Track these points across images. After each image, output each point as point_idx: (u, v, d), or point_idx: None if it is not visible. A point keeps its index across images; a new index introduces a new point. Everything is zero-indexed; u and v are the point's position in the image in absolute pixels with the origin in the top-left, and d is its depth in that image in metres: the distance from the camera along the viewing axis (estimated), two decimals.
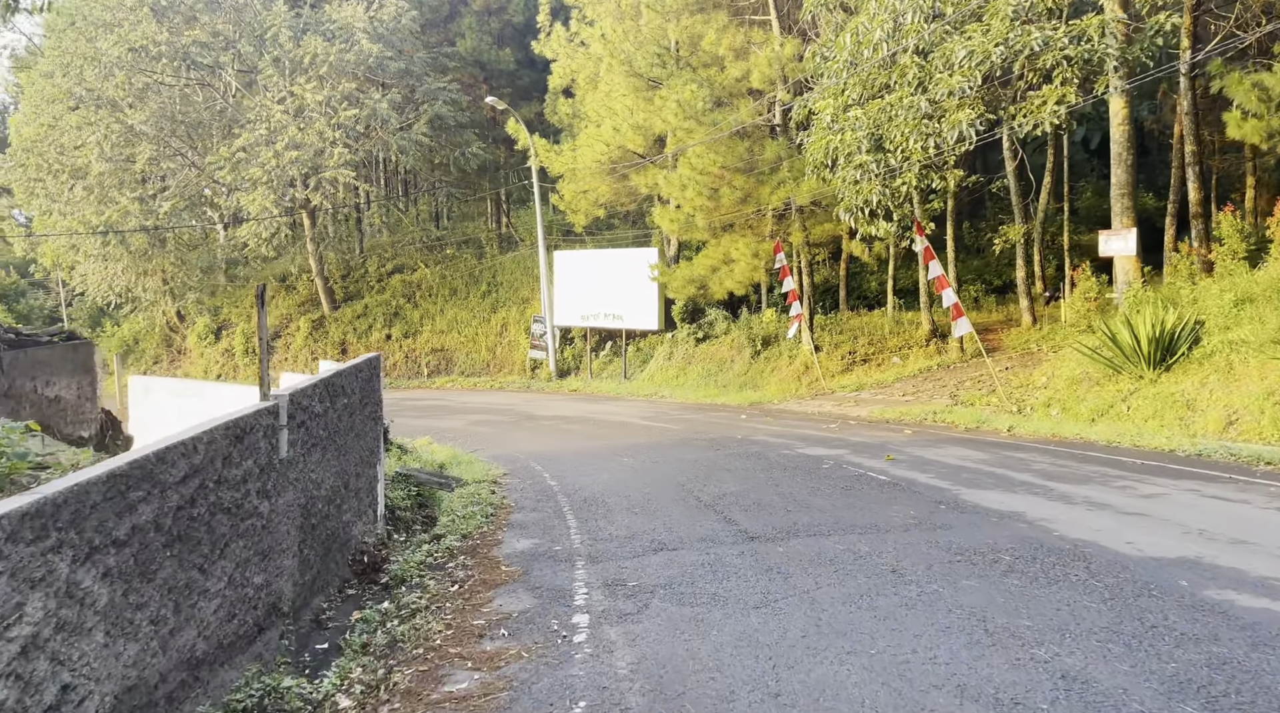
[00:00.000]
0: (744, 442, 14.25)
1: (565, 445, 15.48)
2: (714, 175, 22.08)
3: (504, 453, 14.82)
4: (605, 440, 15.77)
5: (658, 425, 17.69)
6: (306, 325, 37.47)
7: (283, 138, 29.41)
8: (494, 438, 17.28)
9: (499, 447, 15.88)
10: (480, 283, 35.90)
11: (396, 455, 12.13)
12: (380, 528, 8.68)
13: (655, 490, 9.85)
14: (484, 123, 37.72)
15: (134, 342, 42.03)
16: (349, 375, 7.56)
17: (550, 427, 18.67)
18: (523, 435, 17.43)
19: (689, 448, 13.89)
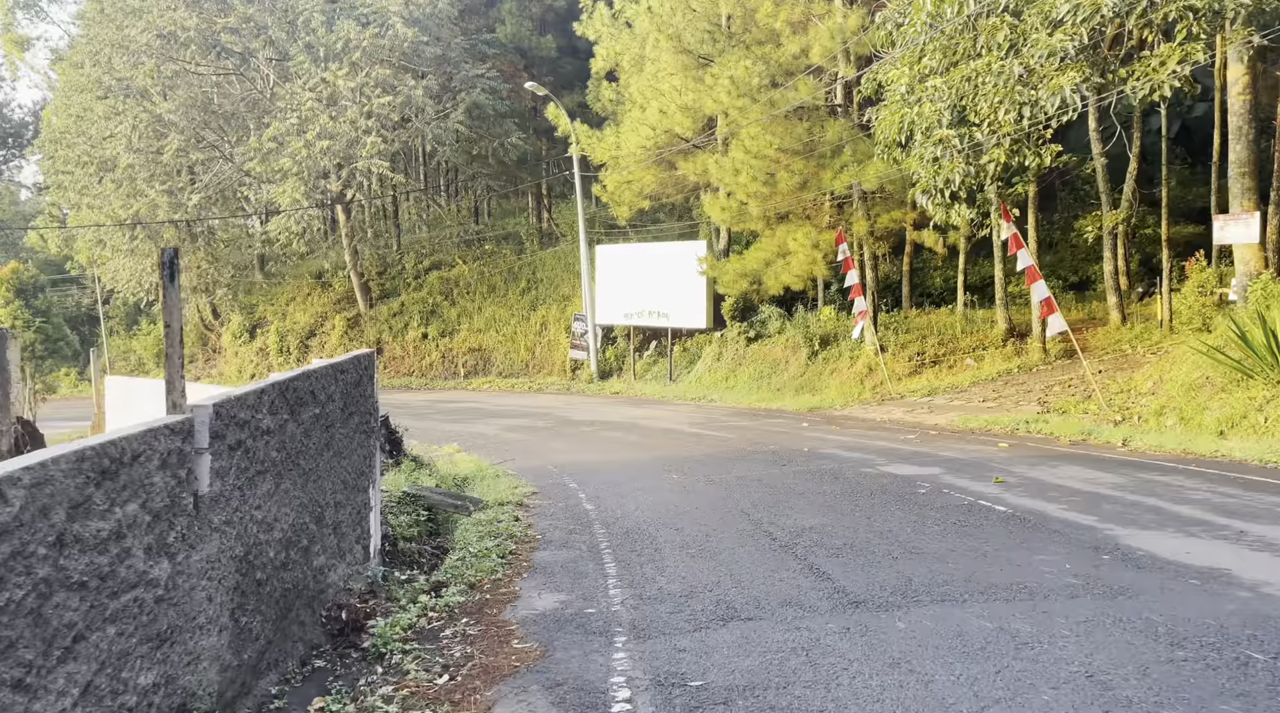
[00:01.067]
0: (813, 456, 12.37)
1: (605, 457, 13.71)
2: (770, 159, 20.18)
3: (536, 465, 13.10)
4: (650, 451, 13.97)
5: (709, 434, 15.85)
6: (342, 323, 36.28)
7: (314, 127, 28.12)
8: (527, 446, 15.57)
9: (531, 457, 14.16)
10: (520, 279, 34.36)
11: (408, 470, 10.45)
12: (374, 568, 6.98)
13: (715, 521, 8.05)
14: (524, 113, 36.19)
15: None
16: (323, 378, 5.85)
17: (589, 434, 16.93)
18: (559, 444, 15.70)
19: (749, 462, 12.04)
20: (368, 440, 7.00)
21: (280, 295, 39.72)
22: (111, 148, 28.50)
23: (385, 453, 10.49)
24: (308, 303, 38.48)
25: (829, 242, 20.45)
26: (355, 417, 6.65)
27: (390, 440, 10.78)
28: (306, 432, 5.52)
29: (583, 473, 11.98)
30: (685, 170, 24.12)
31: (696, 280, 25.65)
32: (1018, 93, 13.90)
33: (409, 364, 34.24)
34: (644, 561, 6.72)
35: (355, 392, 6.65)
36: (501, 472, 12.28)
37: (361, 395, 6.84)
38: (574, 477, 11.67)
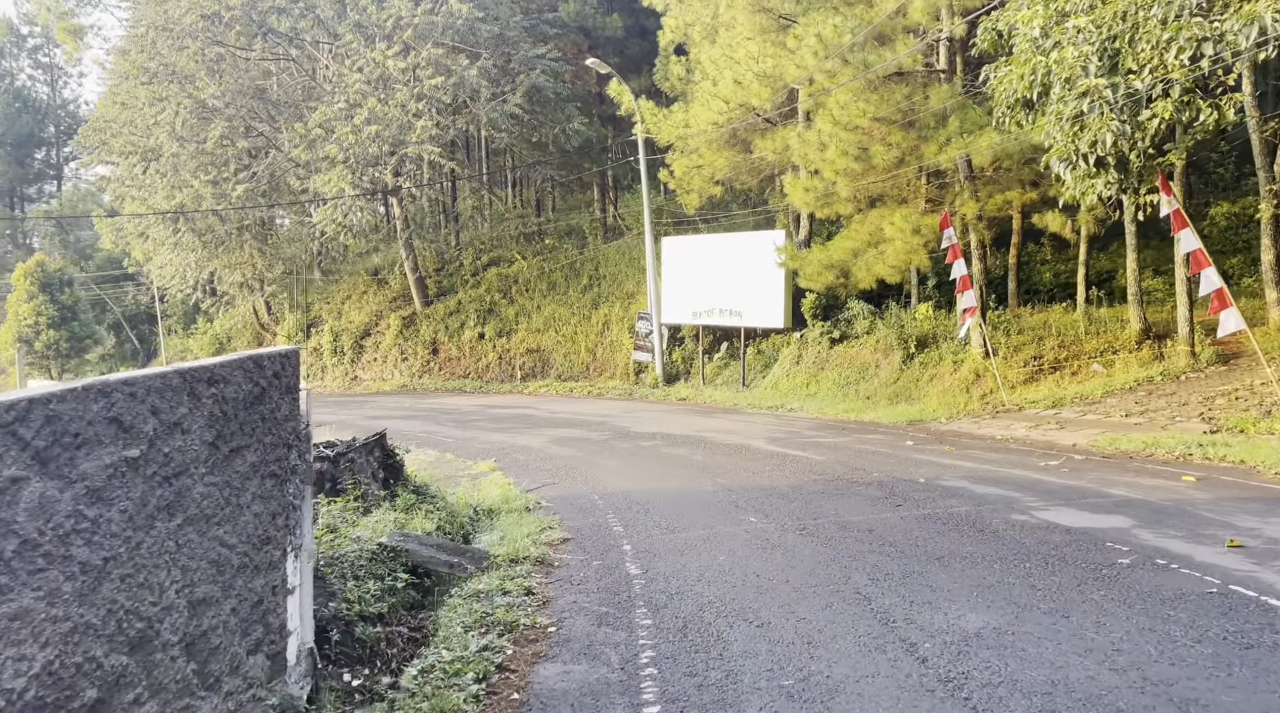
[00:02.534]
0: (934, 490, 9.60)
1: (664, 484, 11.13)
2: (862, 131, 17.34)
3: (578, 493, 10.61)
4: (721, 477, 11.34)
5: (793, 453, 13.12)
6: (397, 322, 34.49)
7: (362, 111, 26.21)
8: (573, 466, 13.09)
9: (575, 481, 11.67)
10: (581, 276, 32.01)
11: (404, 506, 8.03)
12: (289, 687, 4.51)
13: (817, 610, 5.43)
14: (587, 98, 33.90)
15: (226, 339, 40.11)
16: (148, 394, 3.39)
17: (649, 450, 14.35)
18: (611, 463, 13.17)
19: (850, 499, 9.34)
20: (280, 489, 4.54)
21: (336, 293, 38.21)
22: (155, 137, 27.07)
23: (379, 483, 8.09)
24: (363, 301, 36.84)
25: (931, 227, 17.50)
26: (249, 454, 4.19)
27: (386, 467, 8.38)
28: (95, 495, 3.06)
29: (633, 509, 9.43)
30: (762, 150, 21.42)
31: (773, 275, 22.92)
32: (1195, 26, 10.86)
33: (464, 366, 32.21)
34: (710, 699, 4.10)
35: (249, 415, 4.19)
36: (533, 502, 9.81)
37: (267, 419, 4.38)
38: (621, 514, 9.13)
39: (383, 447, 8.36)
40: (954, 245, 17.32)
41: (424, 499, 8.50)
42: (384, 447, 8.41)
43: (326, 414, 24.93)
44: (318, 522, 6.50)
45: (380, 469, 8.13)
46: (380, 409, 25.23)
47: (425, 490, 8.87)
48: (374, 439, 8.24)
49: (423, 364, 33.25)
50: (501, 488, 10.90)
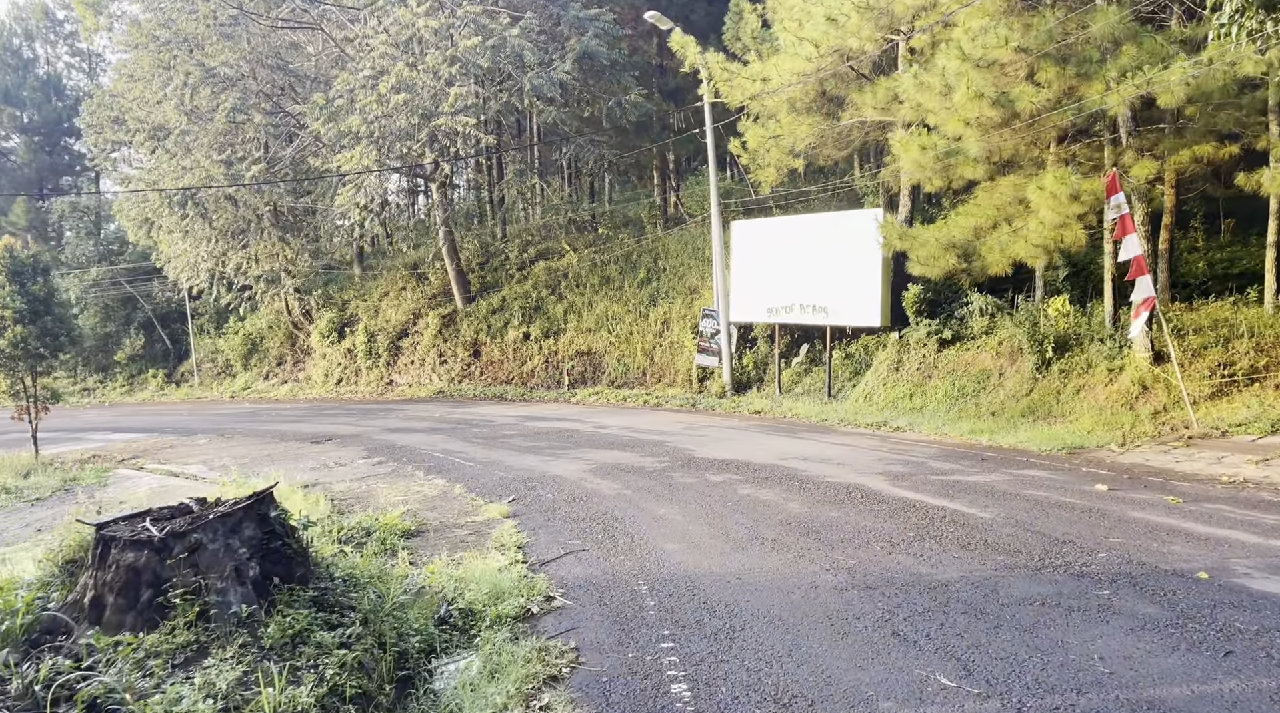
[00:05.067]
0: (1229, 599, 5.60)
1: (751, 563, 7.27)
2: (1001, 67, 13.25)
3: (616, 577, 6.84)
4: (842, 551, 7.46)
5: (934, 503, 9.15)
6: (436, 322, 31.20)
7: (388, 78, 22.86)
8: (615, 515, 9.29)
9: (615, 547, 7.89)
10: (638, 269, 28.27)
11: (280, 636, 4.28)
12: None
13: None
14: (646, 69, 30.19)
15: (259, 340, 37.34)
16: None
17: (721, 490, 10.48)
18: (669, 512, 9.34)
19: (1098, 621, 5.45)
20: None
21: (374, 290, 35.12)
22: (162, 112, 24.15)
23: (248, 586, 4.39)
24: (401, 298, 33.65)
25: (1093, 193, 13.30)
26: None
27: (268, 555, 4.67)
28: None
29: (707, 629, 5.62)
30: (858, 108, 17.42)
31: (868, 263, 18.90)
32: None
33: (507, 369, 28.71)
34: None
35: None
36: (541, 596, 6.05)
37: None
38: (686, 642, 5.34)
39: (262, 518, 4.71)
40: (1124, 216, 13.11)
41: (335, 612, 4.77)
42: (264, 518, 4.74)
43: (338, 425, 21.61)
44: None
45: (254, 559, 4.49)
46: (404, 420, 21.82)
47: (347, 592, 5.14)
48: (246, 505, 4.60)
49: (462, 368, 29.88)
50: (503, 558, 7.16)
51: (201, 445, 20.00)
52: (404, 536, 8.85)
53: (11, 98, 38.30)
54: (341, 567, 5.40)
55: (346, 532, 8.99)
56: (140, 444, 21.20)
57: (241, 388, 35.58)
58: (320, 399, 31.04)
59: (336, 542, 7.22)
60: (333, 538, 7.82)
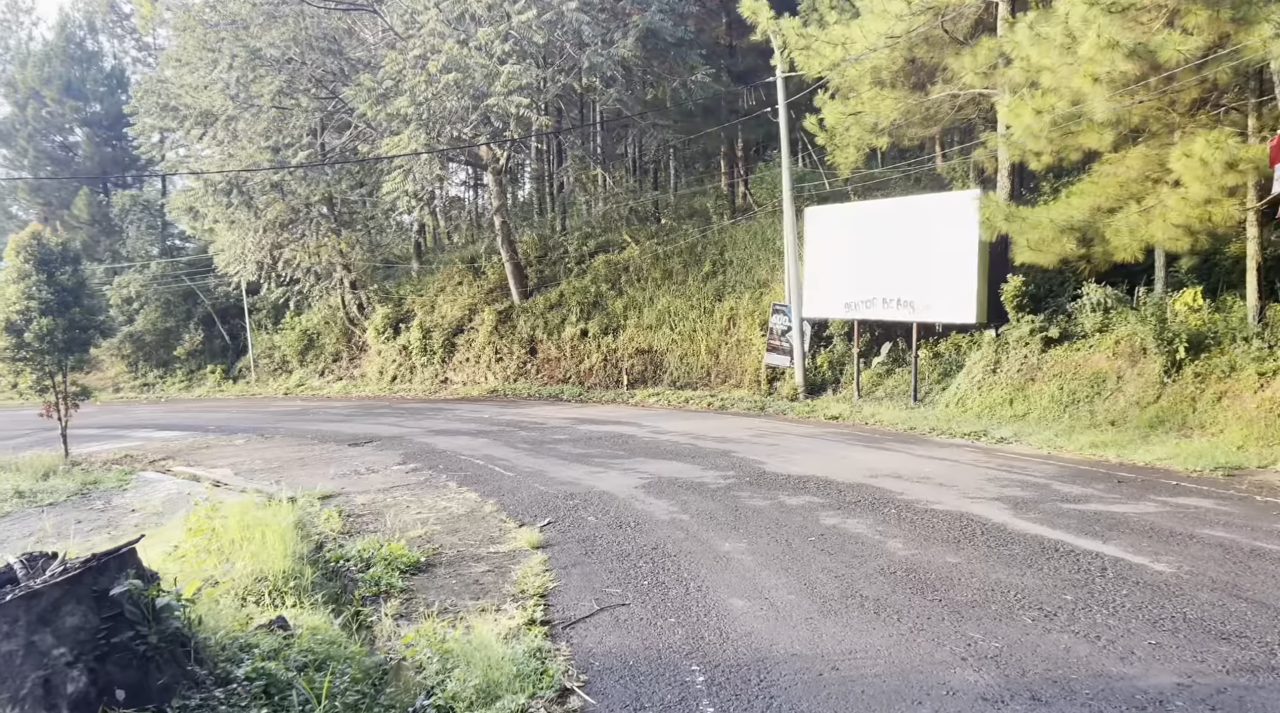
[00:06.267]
0: None
1: (842, 633, 5.42)
2: (1139, 12, 11.07)
3: (665, 650, 5.05)
4: (962, 617, 5.58)
5: (1075, 542, 7.16)
6: (492, 317, 29.78)
7: (438, 57, 21.45)
8: (668, 550, 7.51)
9: (664, 600, 6.11)
10: (703, 261, 26.41)
11: None
12: None
13: None
14: (714, 47, 28.32)
15: (315, 336, 36.50)
16: None
17: (800, 519, 8.61)
18: (734, 549, 7.52)
19: None
20: None
21: (430, 285, 33.93)
22: (209, 97, 23.17)
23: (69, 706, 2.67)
24: (457, 293, 32.36)
25: (1255, 161, 11.03)
26: None
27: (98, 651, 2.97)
28: None
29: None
30: (956, 71, 15.32)
31: (962, 252, 16.75)
32: None
33: (564, 368, 27.14)
34: None
35: None
36: (546, 687, 4.30)
37: None
38: None
39: (99, 598, 3.04)
40: None
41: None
42: (101, 597, 3.06)
43: (382, 426, 20.26)
44: None
45: (80, 663, 2.83)
46: (450, 421, 20.38)
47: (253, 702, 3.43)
48: (71, 577, 2.94)
49: (518, 366, 28.41)
50: (517, 615, 5.43)
51: (237, 446, 18.85)
52: (408, 570, 7.22)
53: (75, 90, 38.25)
54: (259, 651, 3.76)
55: (342, 563, 7.40)
56: (177, 444, 20.18)
57: (296, 385, 34.77)
58: (372, 397, 29.94)
59: (298, 591, 5.60)
60: (308, 578, 6.19)
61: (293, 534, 7.12)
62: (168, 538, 7.24)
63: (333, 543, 8.70)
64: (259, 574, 5.77)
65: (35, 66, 38.66)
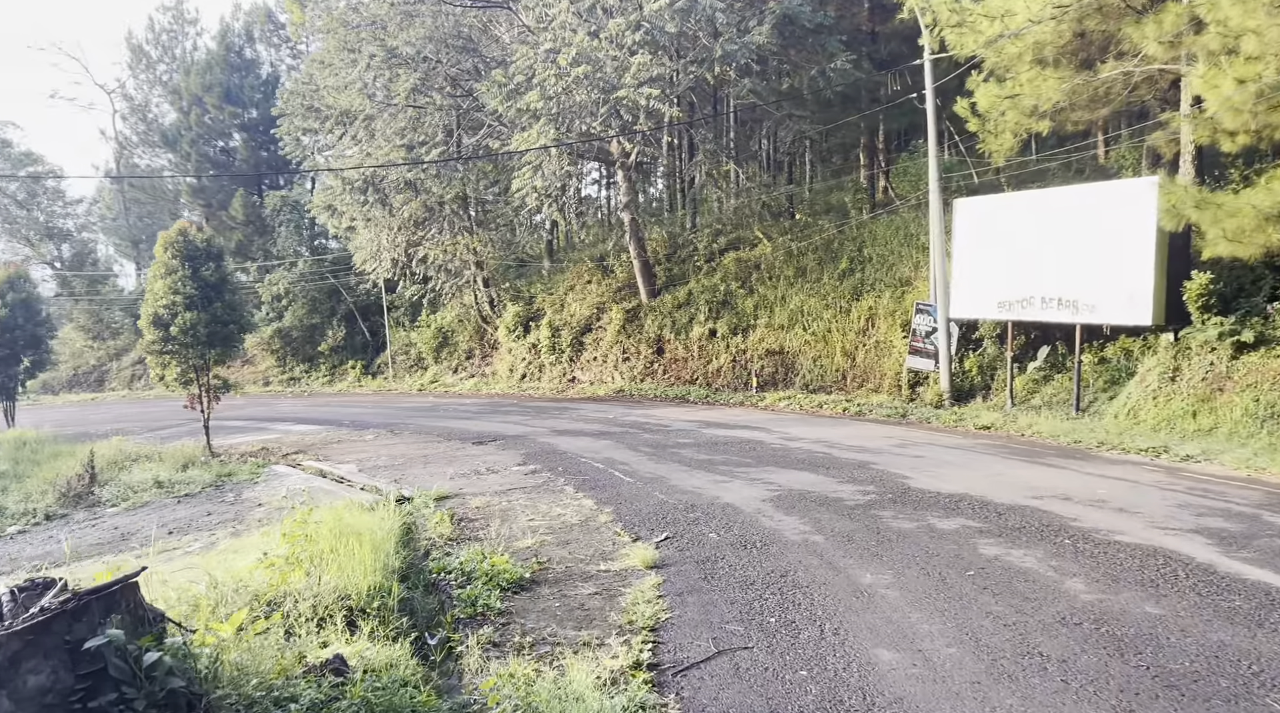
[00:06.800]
0: None
1: (1021, 708, 4.33)
2: None
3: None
4: (1182, 697, 4.39)
5: None
6: (620, 316, 29.33)
7: (569, 50, 21.08)
8: (799, 579, 6.57)
9: (794, 639, 5.20)
10: (839, 258, 25.07)
11: None
12: None
13: None
14: (855, 34, 26.87)
15: (449, 333, 37.10)
16: None
17: (951, 546, 7.49)
18: (874, 578, 6.51)
19: None
20: None
21: (560, 283, 33.85)
22: (347, 98, 23.61)
23: None
24: (585, 292, 32.11)
25: None
26: None
27: None
28: None
29: None
30: (1136, 41, 13.61)
31: (1137, 246, 14.97)
32: None
33: (691, 369, 26.35)
34: None
35: None
36: None
37: None
38: None
39: (74, 650, 2.42)
40: None
41: None
42: (76, 649, 2.44)
43: (507, 425, 20.00)
44: None
45: None
46: (575, 421, 19.94)
47: None
48: (46, 619, 2.35)
49: (645, 366, 27.83)
50: (621, 654, 4.65)
51: (367, 442, 18.97)
52: (509, 589, 6.57)
53: (234, 97, 40.31)
54: (297, 707, 3.12)
55: (442, 576, 6.83)
56: (311, 438, 20.55)
57: (430, 381, 35.38)
58: (501, 395, 30.01)
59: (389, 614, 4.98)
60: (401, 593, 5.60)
61: (390, 543, 6.58)
62: (263, 544, 6.84)
63: (438, 551, 8.19)
64: (342, 591, 5.21)
65: (198, 74, 40.94)
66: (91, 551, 11.60)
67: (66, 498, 14.57)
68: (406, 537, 8.47)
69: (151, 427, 24.94)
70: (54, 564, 11.20)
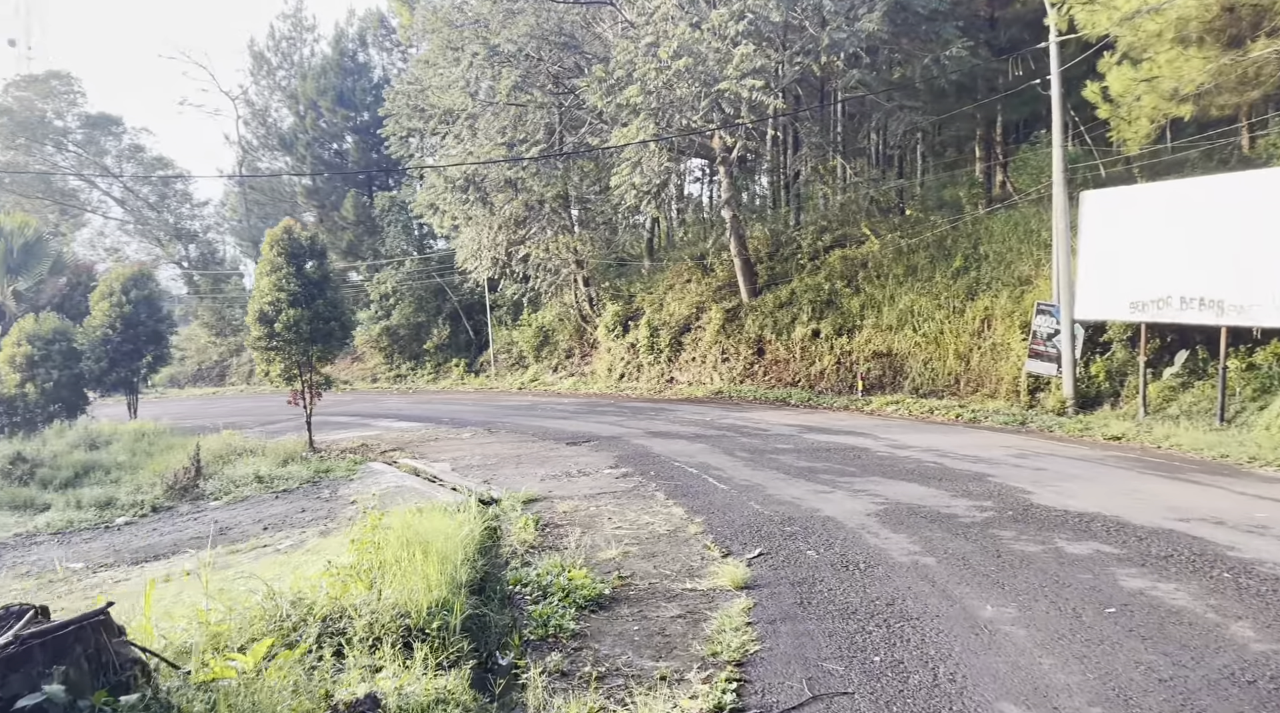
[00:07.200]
0: None
1: None
2: None
3: None
4: None
5: None
6: (719, 316, 28.69)
7: (669, 42, 20.58)
8: (907, 603, 5.86)
9: (902, 686, 4.52)
10: (952, 256, 23.79)
11: None
12: None
13: None
14: (972, 19, 25.48)
15: (550, 332, 37.16)
16: None
17: (1084, 575, 6.62)
18: (995, 611, 5.74)
19: None
20: None
21: (659, 282, 33.40)
22: (450, 96, 23.71)
23: None
24: (685, 291, 31.56)
25: None
26: None
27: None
28: None
29: None
30: None
31: None
32: None
33: (793, 370, 25.48)
34: None
35: None
36: None
37: None
38: None
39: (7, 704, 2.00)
40: None
41: None
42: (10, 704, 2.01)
43: (603, 425, 19.62)
44: None
45: None
46: (670, 422, 19.42)
47: None
48: None
49: (745, 367, 27.10)
50: (705, 694, 4.07)
51: (463, 440, 18.91)
52: (586, 606, 6.08)
53: (346, 101, 41.42)
54: None
55: (518, 588, 6.40)
56: (410, 435, 20.66)
57: (530, 380, 35.48)
58: (599, 395, 29.76)
59: None
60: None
61: (461, 552, 6.18)
62: (333, 549, 6.55)
63: (518, 560, 7.78)
64: (402, 607, 4.81)
65: (313, 79, 42.24)
66: (191, 544, 11.72)
67: (173, 490, 14.93)
68: (487, 543, 8.10)
69: (263, 421, 25.65)
70: (153, 557, 11.34)
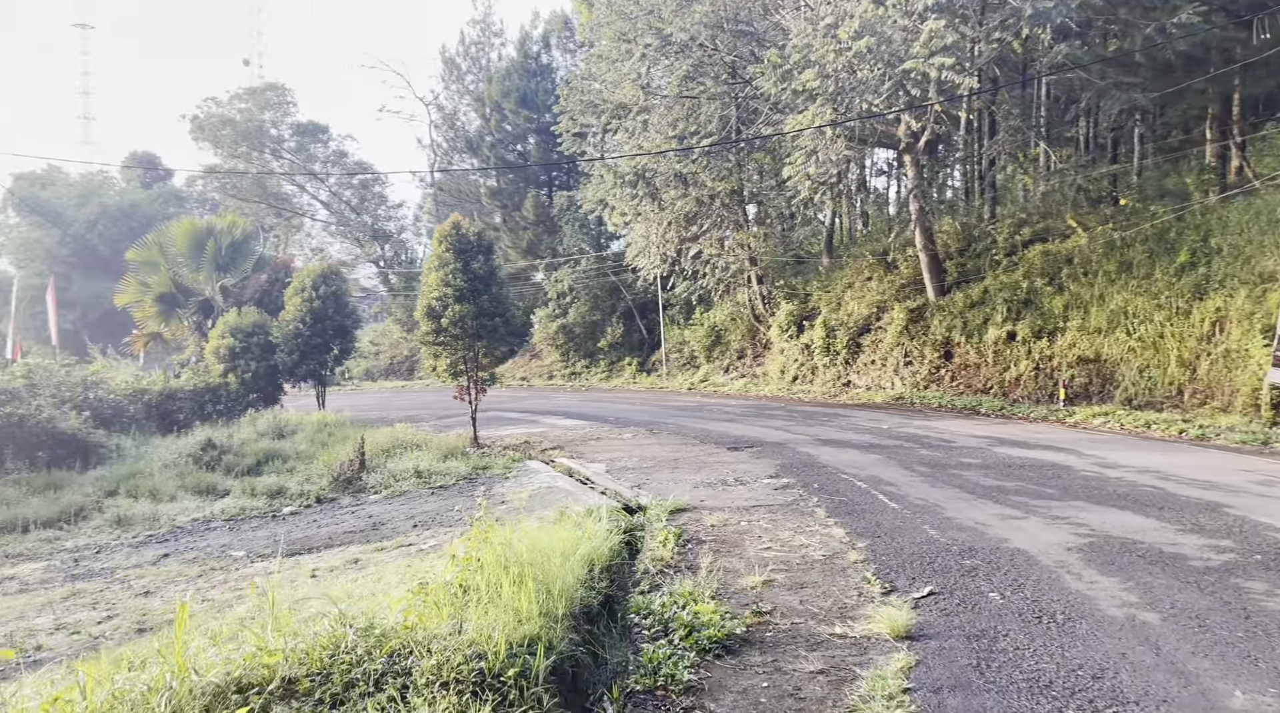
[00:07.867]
0: None
1: None
2: None
3: None
4: None
5: None
6: (902, 316, 26.85)
7: (851, 22, 19.21)
8: (1121, 678, 4.54)
9: None
10: (1176, 250, 20.93)
11: None
12: None
13: None
14: None
15: (722, 332, 36.29)
16: None
17: None
18: (1249, 700, 4.30)
19: None
20: None
21: (837, 281, 31.76)
22: (622, 91, 23.31)
23: None
24: (865, 290, 29.81)
25: None
26: None
27: None
28: None
29: None
30: None
31: None
32: None
33: (984, 376, 23.33)
34: None
35: None
36: None
37: None
38: None
39: None
40: None
41: None
42: None
43: (768, 430, 18.50)
44: None
45: None
46: (842, 429, 18.08)
47: None
48: None
49: (930, 371, 25.15)
50: None
51: (624, 440, 18.37)
52: (710, 649, 5.14)
53: (529, 102, 42.24)
54: None
55: (637, 619, 5.55)
56: (573, 433, 20.37)
57: (700, 380, 34.75)
58: (769, 397, 28.59)
59: None
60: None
61: (573, 573, 5.39)
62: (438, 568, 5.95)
63: (648, 581, 6.94)
64: (480, 647, 4.06)
65: (498, 82, 43.37)
66: (344, 538, 11.69)
67: (337, 482, 15.18)
68: (617, 560, 7.29)
69: (440, 415, 26.24)
70: (307, 549, 11.38)
